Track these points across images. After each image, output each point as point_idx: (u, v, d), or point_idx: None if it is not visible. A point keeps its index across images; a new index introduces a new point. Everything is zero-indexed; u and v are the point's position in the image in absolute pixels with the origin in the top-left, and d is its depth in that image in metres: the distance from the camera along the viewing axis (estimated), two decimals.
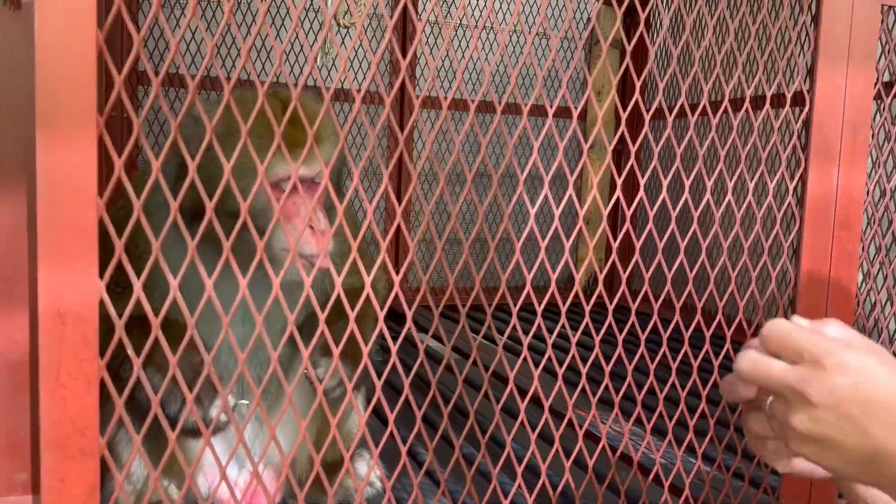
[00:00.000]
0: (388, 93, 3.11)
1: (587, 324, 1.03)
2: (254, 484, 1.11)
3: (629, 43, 1.01)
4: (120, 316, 0.77)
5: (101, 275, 0.76)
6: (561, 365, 1.04)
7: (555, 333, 1.02)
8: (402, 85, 2.78)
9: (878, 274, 1.20)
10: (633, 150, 0.98)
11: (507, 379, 1.02)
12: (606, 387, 1.07)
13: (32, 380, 0.80)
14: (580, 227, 0.98)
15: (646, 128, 1.01)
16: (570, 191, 0.95)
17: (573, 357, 1.02)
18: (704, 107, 1.07)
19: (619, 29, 1.00)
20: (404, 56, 2.93)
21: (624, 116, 1.00)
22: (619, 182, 0.96)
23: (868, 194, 1.15)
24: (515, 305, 0.99)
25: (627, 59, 0.99)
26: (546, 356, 1.01)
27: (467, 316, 0.99)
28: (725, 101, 1.05)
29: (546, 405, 1.05)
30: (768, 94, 1.08)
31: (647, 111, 1.04)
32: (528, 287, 1.00)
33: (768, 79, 1.15)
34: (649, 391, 1.10)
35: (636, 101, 1.01)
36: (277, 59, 0.81)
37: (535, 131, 3.36)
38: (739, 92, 2.14)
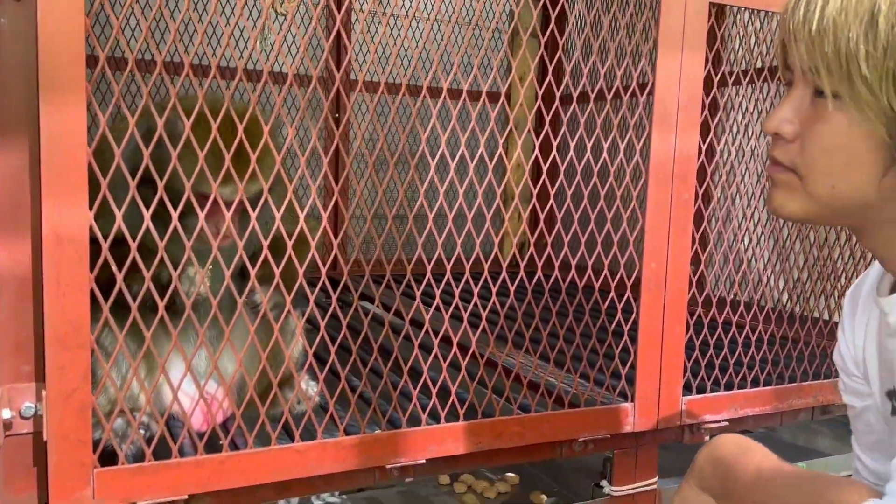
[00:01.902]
0: (325, 76, 3.30)
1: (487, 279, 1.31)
2: (208, 397, 1.35)
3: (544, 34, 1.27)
4: (105, 239, 1.00)
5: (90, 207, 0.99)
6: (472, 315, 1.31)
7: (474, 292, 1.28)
8: (339, 70, 2.99)
9: (711, 217, 1.51)
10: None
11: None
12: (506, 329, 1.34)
13: (35, 291, 1.02)
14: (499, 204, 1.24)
15: (556, 104, 1.28)
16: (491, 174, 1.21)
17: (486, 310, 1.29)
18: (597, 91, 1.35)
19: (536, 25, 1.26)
20: (339, 42, 3.14)
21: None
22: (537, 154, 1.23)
23: (702, 154, 1.44)
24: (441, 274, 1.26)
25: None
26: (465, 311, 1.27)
27: (399, 283, 1.26)
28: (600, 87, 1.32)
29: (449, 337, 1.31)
30: (619, 74, 1.36)
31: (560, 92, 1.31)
32: (438, 253, 1.26)
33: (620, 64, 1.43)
34: (537, 329, 1.38)
35: (550, 84, 1.28)
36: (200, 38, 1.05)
37: (465, 114, 3.62)
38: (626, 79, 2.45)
